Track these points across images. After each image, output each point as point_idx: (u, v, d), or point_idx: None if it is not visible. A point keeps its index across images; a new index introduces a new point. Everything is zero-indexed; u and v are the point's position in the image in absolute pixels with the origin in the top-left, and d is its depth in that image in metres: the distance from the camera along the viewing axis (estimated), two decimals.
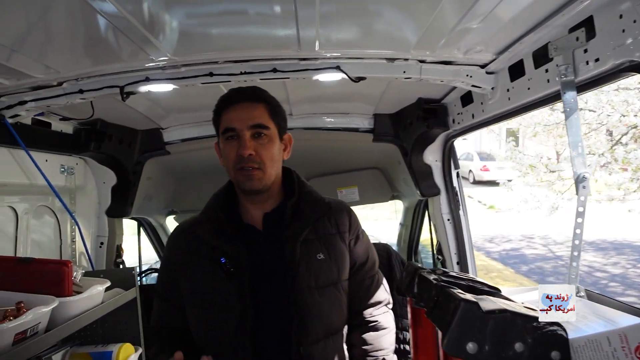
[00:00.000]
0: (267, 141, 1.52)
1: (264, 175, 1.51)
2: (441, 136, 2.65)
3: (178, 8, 1.41)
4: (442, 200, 2.83)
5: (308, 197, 1.62)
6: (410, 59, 1.82)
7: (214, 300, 1.52)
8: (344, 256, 1.59)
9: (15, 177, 2.06)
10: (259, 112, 1.54)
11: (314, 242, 1.55)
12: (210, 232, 1.56)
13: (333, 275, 1.55)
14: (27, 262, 1.74)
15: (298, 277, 1.49)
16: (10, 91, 1.79)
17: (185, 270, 1.59)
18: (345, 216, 1.66)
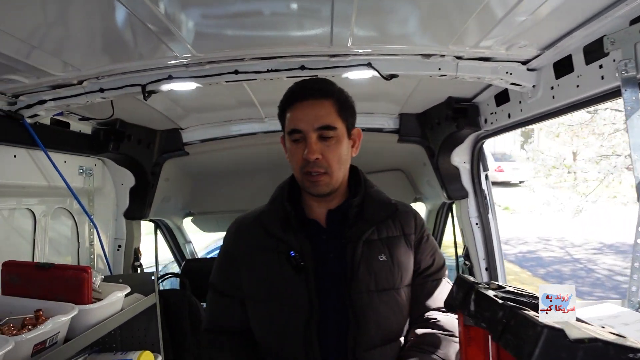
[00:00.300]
0: (334, 142, 1.43)
1: (330, 179, 1.44)
2: (471, 137, 2.54)
3: (204, 2, 1.32)
4: (470, 204, 2.72)
5: (374, 196, 1.54)
6: (447, 55, 1.72)
7: (281, 295, 1.43)
8: (407, 259, 1.51)
9: (34, 178, 2.00)
10: (326, 110, 1.43)
11: (377, 243, 1.47)
12: (277, 224, 1.49)
13: (394, 278, 1.46)
14: (46, 267, 1.68)
15: (357, 278, 1.41)
16: (29, 90, 1.73)
17: (249, 263, 1.51)
18: (411, 218, 1.58)
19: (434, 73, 1.77)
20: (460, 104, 2.38)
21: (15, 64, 1.47)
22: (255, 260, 1.50)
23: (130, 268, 2.77)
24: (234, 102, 2.43)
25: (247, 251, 1.52)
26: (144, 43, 1.52)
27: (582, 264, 11.65)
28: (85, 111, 2.18)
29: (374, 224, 1.48)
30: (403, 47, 1.69)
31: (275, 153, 3.21)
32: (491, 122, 2.26)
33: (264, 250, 1.49)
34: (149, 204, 2.81)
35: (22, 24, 1.28)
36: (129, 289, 1.97)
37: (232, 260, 1.55)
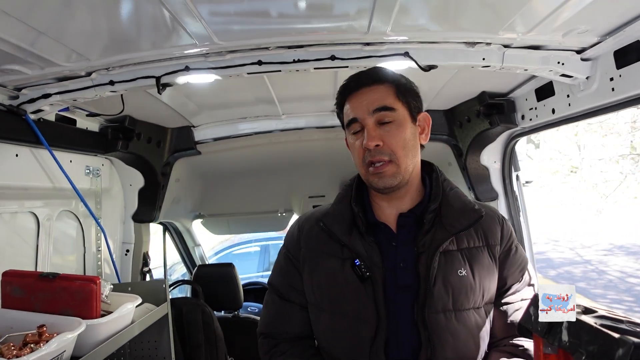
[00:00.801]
0: (395, 126, 1.28)
1: (398, 168, 1.27)
2: (504, 135, 2.38)
3: None
4: (501, 206, 2.56)
5: (454, 200, 1.34)
6: (494, 44, 1.55)
7: (346, 307, 1.29)
8: (491, 274, 1.30)
9: (38, 179, 1.84)
10: (381, 93, 1.30)
11: (456, 255, 1.28)
12: (341, 227, 1.33)
13: (475, 296, 1.27)
14: (50, 278, 1.52)
15: (432, 295, 1.23)
16: (32, 82, 1.57)
17: (312, 268, 1.36)
18: (497, 226, 1.36)
19: (476, 63, 1.61)
20: (494, 99, 2.22)
21: (18, 51, 1.31)
22: (318, 266, 1.35)
23: (139, 274, 2.62)
24: (252, 98, 2.27)
25: (309, 255, 1.38)
26: (159, 29, 1.36)
27: (593, 265, 11.46)
28: (93, 107, 2.02)
29: (454, 233, 1.28)
30: (445, 35, 1.52)
31: (292, 152, 3.07)
32: (530, 118, 2.09)
33: (328, 256, 1.34)
34: (159, 206, 2.66)
35: (26, 6, 1.12)
36: (140, 299, 1.81)
37: (293, 263, 1.41)
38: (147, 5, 1.20)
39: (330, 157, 2.93)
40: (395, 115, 1.28)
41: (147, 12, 1.25)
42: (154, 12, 1.24)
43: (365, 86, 1.32)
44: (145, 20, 1.30)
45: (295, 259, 1.41)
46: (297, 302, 1.39)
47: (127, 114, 2.22)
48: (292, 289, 1.40)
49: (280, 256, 1.48)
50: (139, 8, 1.23)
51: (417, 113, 1.36)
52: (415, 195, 1.36)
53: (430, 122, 1.40)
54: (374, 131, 1.27)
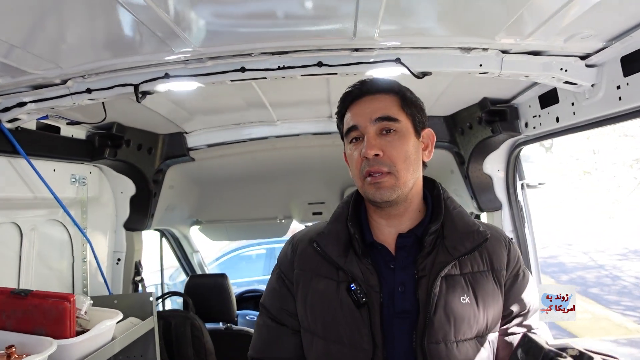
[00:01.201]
0: (397, 138, 1.20)
1: (397, 181, 1.18)
2: (507, 142, 2.27)
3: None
4: (505, 216, 2.44)
5: (457, 220, 1.24)
6: (491, 49, 1.45)
7: (340, 333, 1.20)
8: (496, 301, 1.21)
9: (17, 189, 1.78)
10: (386, 102, 1.23)
11: (459, 280, 1.19)
12: (337, 249, 1.24)
13: (479, 325, 1.18)
14: (22, 295, 1.46)
15: (433, 324, 1.14)
16: (6, 91, 1.51)
17: (305, 290, 1.27)
18: (503, 249, 1.26)
19: (473, 70, 1.51)
20: (496, 105, 2.11)
21: None
22: (311, 288, 1.27)
23: (131, 283, 2.56)
24: (243, 104, 2.20)
25: (302, 276, 1.29)
26: (136, 36, 1.29)
27: (607, 270, 11.20)
28: (79, 114, 1.96)
29: (457, 257, 1.18)
30: (439, 40, 1.43)
31: (289, 159, 2.99)
32: (534, 126, 1.99)
33: (322, 277, 1.26)
34: (152, 214, 2.60)
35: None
36: (121, 315, 1.74)
37: (285, 285, 1.32)
38: (120, 10, 1.13)
39: (329, 164, 2.84)
40: (398, 126, 1.20)
41: (120, 18, 1.18)
42: (127, 17, 1.17)
43: (368, 94, 1.25)
44: (118, 26, 1.23)
45: (288, 280, 1.33)
46: (289, 325, 1.31)
47: (115, 121, 2.16)
48: (285, 312, 1.31)
49: (273, 276, 1.39)
50: (110, 14, 1.15)
51: (422, 128, 1.27)
52: (416, 215, 1.27)
53: (435, 139, 1.31)
54: (375, 140, 1.18)
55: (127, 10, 1.11)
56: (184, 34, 1.28)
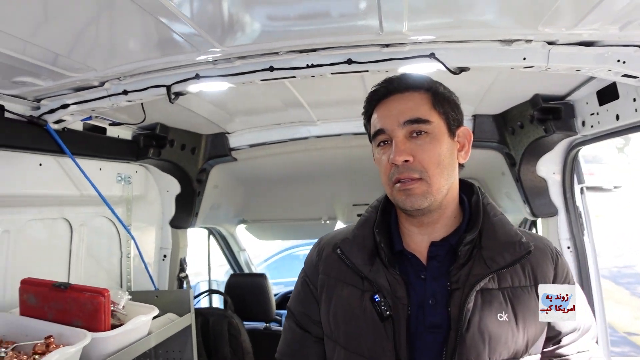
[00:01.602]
0: (429, 140, 1.10)
1: (429, 188, 1.09)
2: (563, 143, 2.09)
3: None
4: (561, 223, 2.26)
5: (498, 229, 1.13)
6: (535, 41, 1.33)
7: (362, 345, 1.13)
8: (537, 321, 1.09)
9: (65, 187, 1.88)
10: (415, 102, 1.13)
11: (496, 295, 1.08)
12: (362, 256, 1.17)
13: (517, 346, 1.07)
14: (62, 288, 1.53)
15: (464, 342, 1.04)
16: (50, 93, 1.59)
17: (329, 297, 1.21)
18: (549, 263, 1.13)
19: (517, 64, 1.39)
20: (549, 102, 1.94)
21: (23, 64, 1.32)
22: (335, 295, 1.20)
23: (176, 279, 2.64)
24: (281, 104, 2.19)
25: (327, 282, 1.22)
26: (163, 37, 1.30)
27: None
28: (125, 115, 2.04)
29: (495, 270, 1.08)
30: (475, 32, 1.33)
31: (331, 159, 2.96)
32: (591, 125, 1.81)
33: (347, 285, 1.18)
34: (196, 212, 2.66)
35: (23, 22, 1.12)
36: (157, 310, 1.79)
37: (310, 290, 1.27)
38: (147, 15, 1.14)
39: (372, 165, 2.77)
40: (429, 127, 1.10)
41: (146, 20, 1.19)
42: (153, 21, 1.18)
43: (396, 92, 1.15)
44: (146, 30, 1.26)
45: (312, 286, 1.27)
46: (313, 333, 1.25)
47: (158, 122, 2.23)
48: (309, 319, 1.26)
49: (298, 280, 1.34)
50: (138, 19, 1.17)
51: (457, 127, 1.17)
52: (451, 222, 1.17)
53: (472, 138, 1.21)
54: (404, 144, 1.09)
55: (149, 14, 1.12)
56: (210, 34, 1.28)
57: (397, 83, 1.17)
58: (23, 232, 1.75)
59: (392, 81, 1.18)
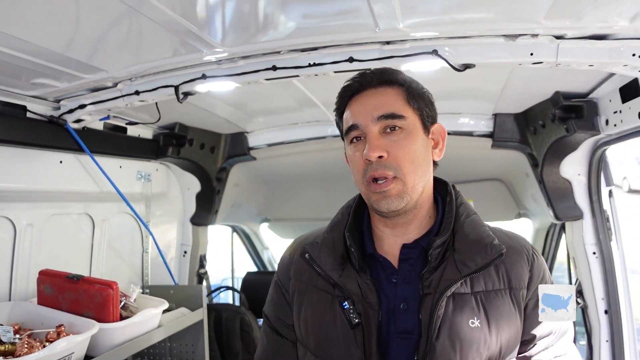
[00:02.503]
0: (403, 136, 1.06)
1: (404, 187, 1.05)
2: (587, 142, 1.98)
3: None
4: (586, 227, 2.15)
5: (470, 231, 1.09)
6: (542, 35, 1.27)
7: (332, 352, 1.09)
8: (512, 325, 1.05)
9: (86, 184, 1.97)
10: (389, 97, 1.09)
11: (468, 300, 1.04)
12: (331, 262, 1.12)
13: (490, 352, 1.02)
14: (75, 280, 1.60)
15: (434, 350, 1.00)
16: (68, 94, 1.67)
17: (300, 301, 1.17)
18: (524, 264, 1.08)
19: (524, 60, 1.33)
20: (571, 100, 1.85)
21: (40, 67, 1.39)
22: (306, 300, 1.16)
23: (195, 275, 2.70)
24: (295, 104, 2.20)
25: (298, 286, 1.18)
26: (166, 38, 1.34)
27: None
28: (146, 115, 2.11)
29: (467, 273, 1.03)
30: (477, 27, 1.29)
31: None
32: (614, 123, 1.71)
33: (315, 290, 1.14)
34: (216, 210, 2.72)
35: (37, 27, 1.18)
36: (167, 304, 1.84)
37: (282, 294, 1.24)
38: (146, 20, 1.18)
39: None
40: (403, 123, 1.06)
41: (153, 24, 1.23)
42: (156, 27, 1.22)
43: (370, 87, 1.12)
44: (152, 31, 1.29)
45: (285, 289, 1.23)
46: (288, 337, 1.21)
47: (177, 121, 2.30)
48: (282, 323, 1.22)
49: (272, 283, 1.30)
50: (140, 21, 1.21)
51: (431, 123, 1.13)
52: (425, 222, 1.13)
53: (446, 135, 1.16)
54: (378, 140, 1.05)
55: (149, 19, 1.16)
56: (208, 36, 1.31)
57: (371, 78, 1.13)
58: (46, 226, 1.84)
59: (365, 76, 1.14)
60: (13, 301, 1.67)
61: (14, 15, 1.08)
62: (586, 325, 2.21)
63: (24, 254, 1.75)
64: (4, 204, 1.67)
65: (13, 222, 1.71)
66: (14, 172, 1.65)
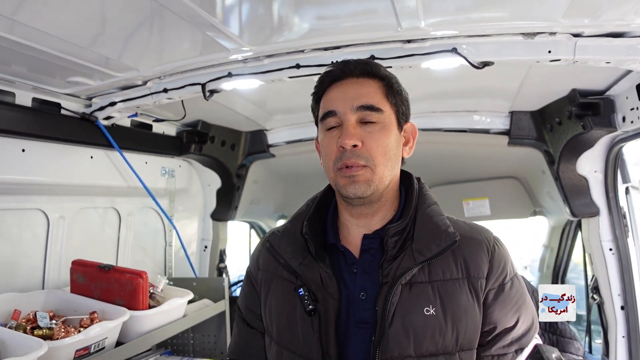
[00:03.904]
0: (378, 129, 1.07)
1: (373, 175, 1.06)
2: (604, 139, 2.00)
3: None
4: (602, 224, 2.16)
5: (428, 220, 1.10)
6: (560, 33, 1.31)
7: (293, 341, 1.11)
8: (469, 315, 1.05)
9: (114, 179, 2.05)
10: (370, 89, 1.10)
11: (425, 288, 1.05)
12: (291, 250, 1.14)
13: (446, 340, 1.03)
14: (106, 269, 1.67)
15: (387, 337, 1.01)
16: (100, 92, 1.75)
17: (266, 291, 1.19)
18: (483, 254, 1.08)
19: (542, 57, 1.37)
20: (588, 97, 1.88)
21: (77, 66, 1.47)
22: (271, 290, 1.18)
23: (215, 269, 2.77)
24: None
25: (264, 276, 1.21)
26: (193, 38, 1.40)
27: None
28: (171, 113, 2.18)
29: (421, 261, 1.04)
30: (496, 26, 1.33)
31: None
32: (631, 120, 1.73)
33: (282, 279, 1.16)
34: (235, 206, 2.79)
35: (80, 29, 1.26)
36: (191, 295, 1.91)
37: (252, 284, 1.25)
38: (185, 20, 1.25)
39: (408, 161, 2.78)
40: (381, 117, 1.07)
41: (185, 26, 1.29)
42: (185, 27, 1.29)
43: (352, 76, 1.11)
44: (184, 32, 1.35)
45: (254, 280, 1.24)
46: (257, 328, 1.22)
47: (200, 119, 2.37)
48: (253, 315, 1.23)
49: (245, 275, 1.30)
50: (178, 22, 1.27)
51: (405, 121, 1.14)
52: (389, 214, 1.13)
53: (417, 135, 1.17)
54: (354, 129, 1.06)
55: (181, 17, 1.22)
56: (235, 35, 1.36)
57: (354, 66, 1.12)
58: (77, 219, 1.92)
59: (348, 64, 1.13)
60: (47, 289, 1.75)
61: (52, 14, 1.15)
62: (602, 321, 2.22)
63: (57, 245, 1.84)
64: (39, 197, 1.75)
65: (47, 215, 1.79)
66: (49, 166, 1.73)
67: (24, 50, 1.30)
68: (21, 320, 1.50)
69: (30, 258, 1.76)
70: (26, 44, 1.26)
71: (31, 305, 1.60)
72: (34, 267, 1.77)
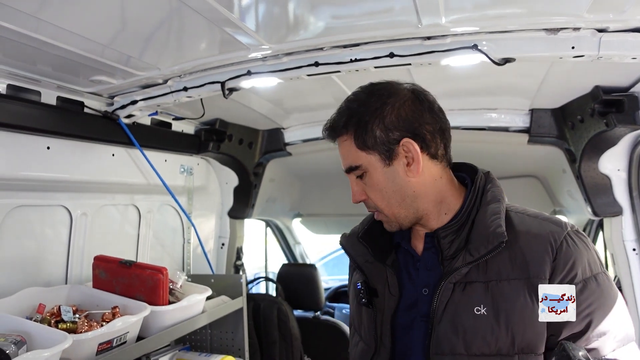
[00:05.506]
0: (368, 180, 1.12)
1: (389, 219, 1.14)
2: (628, 137, 1.96)
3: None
4: (626, 223, 2.12)
5: (482, 218, 1.08)
6: (584, 28, 1.28)
7: (359, 325, 1.23)
8: (527, 317, 1.00)
9: (135, 176, 2.08)
10: (345, 149, 1.14)
11: (478, 287, 1.04)
12: (356, 246, 1.22)
13: (499, 342, 1.00)
14: (127, 265, 1.70)
15: (437, 334, 1.04)
16: (122, 91, 1.78)
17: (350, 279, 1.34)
18: (545, 253, 1.02)
19: (565, 53, 1.35)
20: (611, 94, 1.84)
21: (101, 65, 1.49)
22: (352, 279, 1.29)
23: (232, 267, 2.80)
24: (333, 101, 2.25)
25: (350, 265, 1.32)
26: (213, 36, 1.42)
27: None
28: (190, 112, 2.21)
29: (475, 259, 1.03)
30: (518, 21, 1.31)
31: None
32: None
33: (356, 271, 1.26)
34: (252, 204, 2.81)
35: (103, 29, 1.28)
36: (210, 291, 1.93)
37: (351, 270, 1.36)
38: (207, 19, 1.26)
39: None
40: (362, 170, 1.11)
41: (206, 25, 1.31)
42: (202, 22, 1.30)
43: (331, 139, 1.18)
44: (204, 31, 1.37)
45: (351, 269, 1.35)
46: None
47: (218, 117, 2.39)
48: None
49: None
50: (199, 22, 1.29)
51: (392, 147, 1.08)
52: (447, 216, 1.15)
53: (415, 148, 1.08)
54: (357, 186, 1.14)
55: (201, 15, 1.23)
56: (254, 33, 1.37)
57: (330, 131, 1.16)
58: (98, 216, 1.96)
59: (328, 128, 1.17)
60: (70, 284, 1.79)
61: (75, 13, 1.17)
62: None
63: (79, 241, 1.87)
64: (62, 194, 1.79)
65: (70, 211, 1.82)
66: (72, 163, 1.77)
67: (50, 50, 1.33)
68: (46, 314, 1.53)
69: (53, 254, 1.79)
70: (52, 42, 1.28)
71: (55, 299, 1.64)
72: (57, 262, 1.81)
